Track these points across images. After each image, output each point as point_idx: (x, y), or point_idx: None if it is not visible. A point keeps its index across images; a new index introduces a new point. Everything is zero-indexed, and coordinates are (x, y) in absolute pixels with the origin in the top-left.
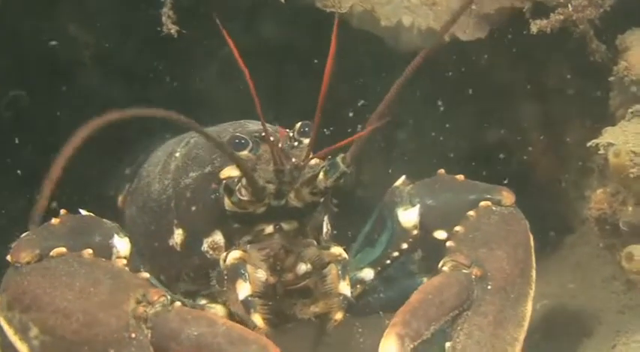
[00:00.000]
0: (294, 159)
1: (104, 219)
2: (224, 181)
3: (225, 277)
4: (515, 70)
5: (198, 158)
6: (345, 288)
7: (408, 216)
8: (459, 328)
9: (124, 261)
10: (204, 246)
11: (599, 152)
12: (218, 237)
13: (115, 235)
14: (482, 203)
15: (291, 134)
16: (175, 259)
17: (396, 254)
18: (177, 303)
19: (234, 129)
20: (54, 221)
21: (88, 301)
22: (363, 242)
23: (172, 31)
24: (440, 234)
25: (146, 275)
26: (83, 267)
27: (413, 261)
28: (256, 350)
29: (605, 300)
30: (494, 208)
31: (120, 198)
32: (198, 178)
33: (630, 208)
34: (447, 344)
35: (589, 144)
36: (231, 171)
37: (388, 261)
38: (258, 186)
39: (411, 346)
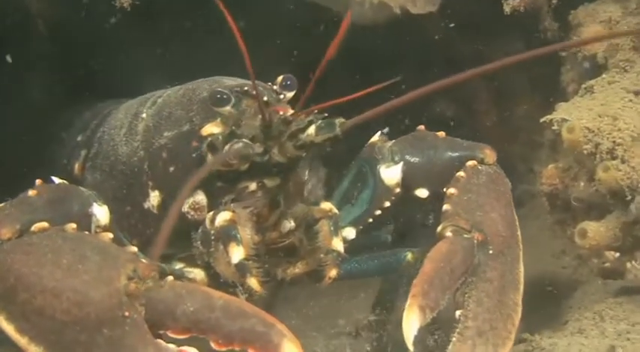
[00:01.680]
0: (281, 112)
1: (80, 187)
2: (208, 139)
3: (213, 238)
4: (466, 44)
5: (173, 116)
6: (338, 244)
7: (391, 174)
8: (466, 295)
9: (110, 235)
10: (185, 207)
11: (553, 128)
12: (200, 197)
13: (94, 203)
14: (470, 163)
15: (274, 87)
16: (151, 222)
17: (378, 212)
18: (170, 277)
19: (209, 85)
20: (31, 193)
21: (77, 279)
22: (341, 200)
23: (125, 4)
24: (421, 192)
25: (134, 248)
26: (68, 243)
27: (387, 230)
28: (256, 323)
29: (555, 275)
30: (480, 168)
31: (76, 166)
32: (175, 137)
33: (582, 184)
34: (457, 313)
35: (542, 119)
36: (213, 128)
37: (370, 220)
38: (246, 152)
39: (431, 315)
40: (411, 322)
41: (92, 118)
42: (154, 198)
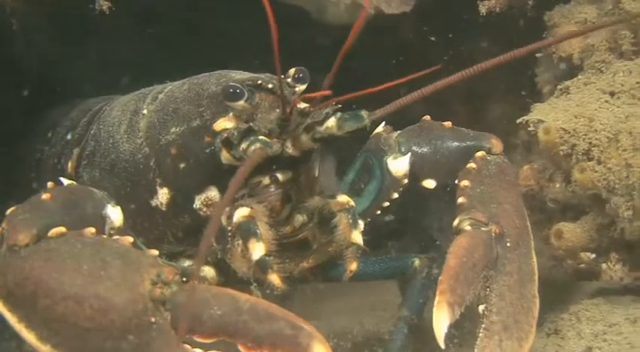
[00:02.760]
0: (300, 105)
1: (92, 189)
2: (222, 134)
3: (229, 234)
4: (440, 43)
5: (180, 112)
6: (358, 237)
7: (399, 165)
8: (488, 289)
9: (130, 239)
10: (197, 204)
11: (529, 129)
12: (213, 193)
13: (108, 205)
14: (479, 154)
15: (288, 80)
16: (159, 220)
17: (386, 204)
18: (194, 281)
19: (217, 80)
20: (44, 196)
21: (100, 285)
22: (348, 192)
23: (104, 7)
24: (429, 183)
25: (154, 252)
26: (88, 248)
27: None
28: (284, 326)
29: None
30: (489, 158)
31: (69, 164)
32: (184, 133)
33: (558, 185)
34: (481, 308)
35: (519, 120)
36: (226, 123)
37: (379, 212)
38: (266, 152)
39: (459, 312)
40: (441, 319)
41: (81, 116)
42: (163, 195)
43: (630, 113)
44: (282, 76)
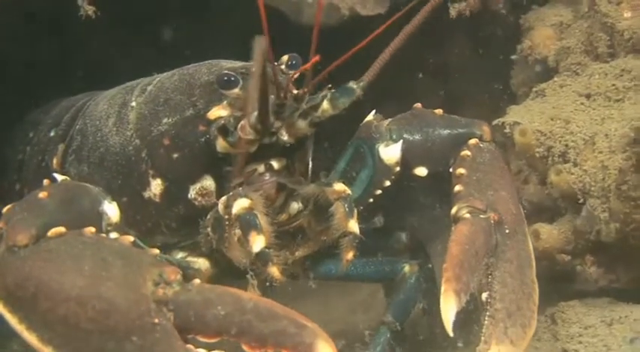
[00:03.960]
0: (295, 91)
1: (87, 185)
2: (218, 121)
3: (227, 224)
4: (416, 46)
5: (172, 102)
6: (354, 226)
7: (391, 152)
8: (490, 277)
9: (131, 238)
10: (192, 194)
11: (505, 131)
12: (208, 183)
13: (105, 201)
14: (472, 141)
15: (281, 66)
16: (152, 212)
17: (378, 192)
18: (197, 280)
19: (208, 69)
20: (41, 194)
21: (102, 286)
22: (339, 180)
23: (90, 12)
24: (420, 171)
25: (155, 251)
26: (88, 248)
27: (379, 220)
28: (288, 324)
29: None
30: (481, 145)
31: (54, 161)
32: (177, 123)
33: (533, 187)
34: (484, 295)
35: (494, 122)
36: (220, 111)
37: (371, 200)
38: (269, 121)
39: (465, 299)
40: (449, 307)
41: (63, 113)
42: (156, 186)
43: (606, 115)
44: (275, 63)
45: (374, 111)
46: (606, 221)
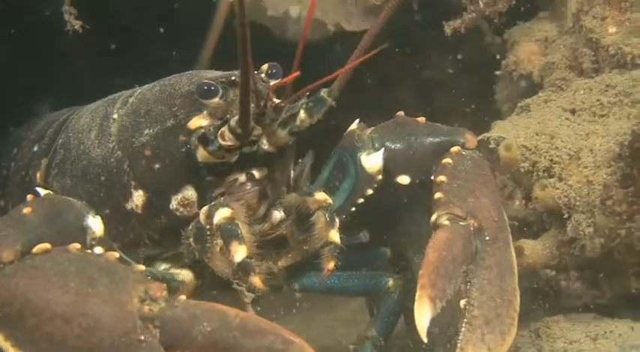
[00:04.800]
0: (275, 100)
1: (71, 199)
2: (198, 131)
3: (209, 234)
4: (400, 62)
5: (153, 113)
6: (335, 236)
7: (372, 161)
8: (469, 284)
9: (117, 254)
10: (173, 204)
11: (490, 146)
12: (189, 193)
13: (88, 215)
14: (454, 149)
15: (261, 75)
16: (135, 223)
17: (361, 200)
18: (182, 297)
19: (189, 79)
20: (25, 210)
21: (88, 303)
22: (321, 190)
23: (77, 26)
24: (403, 179)
25: (141, 267)
26: (74, 264)
27: (364, 235)
28: (274, 340)
29: None
30: (464, 153)
31: (38, 175)
32: (158, 134)
33: (517, 202)
34: (462, 302)
35: (479, 137)
36: (200, 121)
37: (353, 209)
38: (249, 124)
39: (441, 306)
40: (423, 313)
41: (46, 127)
42: (138, 197)
43: (591, 130)
44: (256, 72)
45: (357, 121)
46: (591, 236)
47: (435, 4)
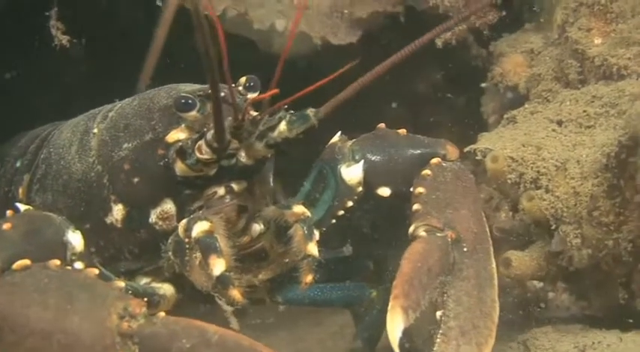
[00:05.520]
0: (252, 112)
1: (51, 214)
2: (176, 144)
3: (187, 248)
4: (387, 75)
5: (132, 127)
6: (313, 249)
7: (352, 173)
8: (445, 295)
9: (96, 271)
10: (152, 218)
11: (477, 158)
12: (168, 206)
13: (68, 230)
14: (434, 160)
15: (239, 88)
16: (115, 237)
17: (341, 212)
18: (162, 313)
19: (167, 93)
20: (5, 226)
21: (67, 320)
22: (303, 202)
23: (64, 41)
24: (383, 191)
25: (120, 284)
26: (53, 281)
27: (347, 249)
28: None
29: None
30: (444, 164)
31: (20, 190)
32: (137, 148)
33: (504, 214)
34: (438, 314)
35: (466, 149)
36: (178, 134)
37: (333, 220)
38: (224, 138)
39: (414, 316)
40: (395, 324)
41: (29, 143)
42: (118, 212)
43: (578, 142)
44: (233, 85)
45: (339, 133)
46: (578, 247)
47: (420, 16)
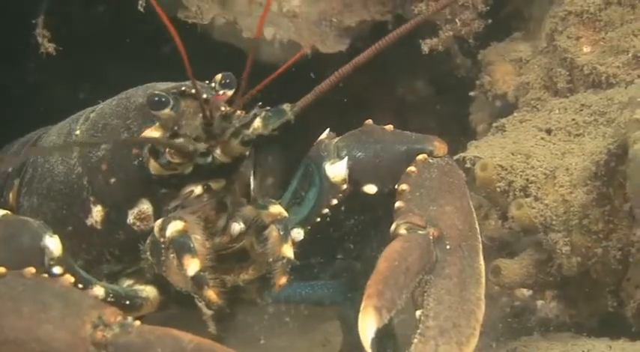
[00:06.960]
0: (222, 109)
1: (28, 219)
2: (148, 144)
3: (163, 248)
4: (376, 84)
5: (109, 127)
6: (288, 251)
7: (336, 170)
8: (425, 294)
9: (72, 279)
10: (130, 219)
11: (466, 166)
12: (145, 206)
13: (45, 235)
14: (420, 156)
15: (213, 85)
16: (96, 239)
17: (325, 210)
18: (137, 322)
19: (143, 92)
20: None
21: (40, 329)
22: (290, 201)
23: (50, 49)
24: (370, 188)
25: (99, 291)
26: (28, 290)
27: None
28: None
29: None
30: (431, 161)
31: (10, 195)
32: (113, 148)
33: (493, 222)
34: (418, 313)
35: (455, 157)
36: (152, 133)
37: (318, 219)
38: (187, 148)
39: (388, 316)
40: (367, 324)
41: (21, 148)
42: (97, 213)
43: (566, 150)
44: (208, 82)
45: (327, 130)
46: (568, 255)
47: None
